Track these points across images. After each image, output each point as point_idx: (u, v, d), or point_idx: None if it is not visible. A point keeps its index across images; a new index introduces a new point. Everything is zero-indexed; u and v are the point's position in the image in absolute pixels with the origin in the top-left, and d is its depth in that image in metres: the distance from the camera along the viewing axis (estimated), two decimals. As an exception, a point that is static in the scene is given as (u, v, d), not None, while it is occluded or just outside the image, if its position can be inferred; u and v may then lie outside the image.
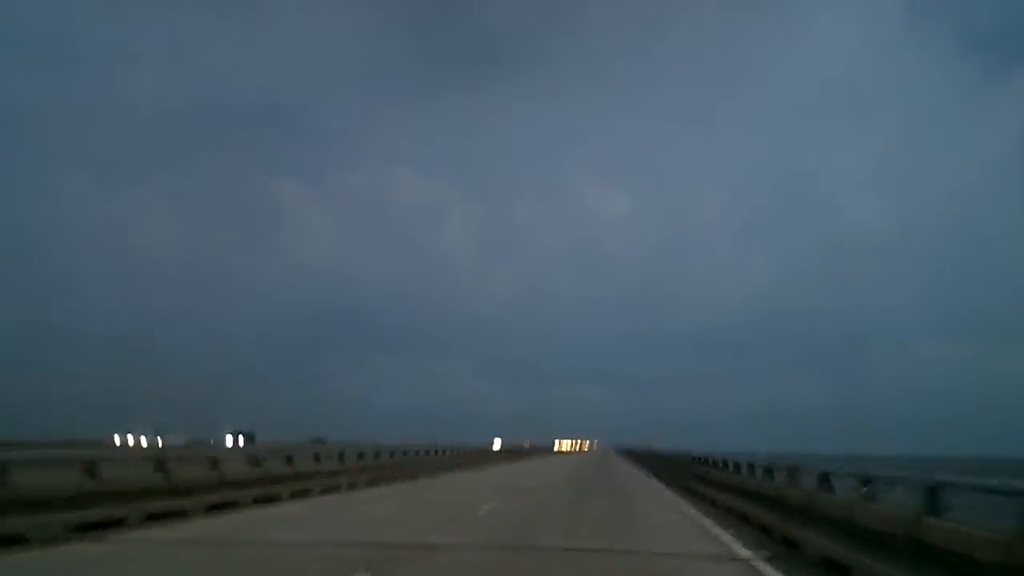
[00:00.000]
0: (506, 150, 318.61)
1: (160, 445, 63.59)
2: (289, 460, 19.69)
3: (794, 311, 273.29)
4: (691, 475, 23.79)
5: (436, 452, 36.90)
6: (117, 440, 70.18)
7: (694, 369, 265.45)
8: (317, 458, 22.24)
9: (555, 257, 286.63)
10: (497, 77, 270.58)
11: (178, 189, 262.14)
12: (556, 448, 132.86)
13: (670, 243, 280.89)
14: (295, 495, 18.27)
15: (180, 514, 13.57)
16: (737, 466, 17.67)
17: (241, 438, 73.60)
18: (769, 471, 14.09)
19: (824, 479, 10.38)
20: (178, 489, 14.02)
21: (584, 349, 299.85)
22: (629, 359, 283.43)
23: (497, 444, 76.22)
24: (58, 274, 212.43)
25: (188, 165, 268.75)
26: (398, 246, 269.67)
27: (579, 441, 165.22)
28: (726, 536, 12.62)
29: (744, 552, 10.87)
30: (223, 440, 73.67)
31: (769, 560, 9.96)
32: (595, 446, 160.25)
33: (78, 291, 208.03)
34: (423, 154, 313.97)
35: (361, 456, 25.57)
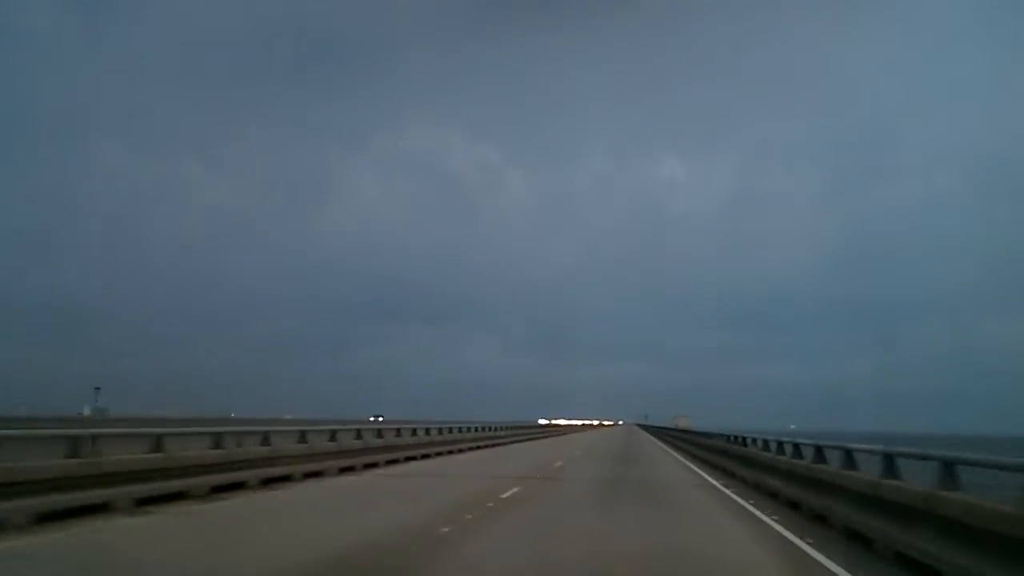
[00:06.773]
0: (557, 113, 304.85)
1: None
2: (399, 432, 28.12)
3: (842, 286, 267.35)
4: (690, 443, 32.97)
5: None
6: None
7: (736, 344, 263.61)
8: (414, 432, 30.45)
9: (604, 229, 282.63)
10: (549, 34, 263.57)
11: (218, 156, 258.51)
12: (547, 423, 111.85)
13: (727, 214, 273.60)
14: (406, 459, 26.33)
15: (372, 465, 22.34)
16: (715, 435, 26.25)
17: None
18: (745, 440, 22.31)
19: (778, 446, 15.69)
20: (358, 451, 22.81)
21: (623, 324, 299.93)
22: (669, 334, 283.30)
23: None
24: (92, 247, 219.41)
25: (228, 131, 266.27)
26: (443, 213, 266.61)
27: (596, 420, 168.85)
28: (694, 464, 21.75)
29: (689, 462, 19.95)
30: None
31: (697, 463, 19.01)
32: (619, 423, 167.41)
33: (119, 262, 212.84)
34: (472, 116, 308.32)
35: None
